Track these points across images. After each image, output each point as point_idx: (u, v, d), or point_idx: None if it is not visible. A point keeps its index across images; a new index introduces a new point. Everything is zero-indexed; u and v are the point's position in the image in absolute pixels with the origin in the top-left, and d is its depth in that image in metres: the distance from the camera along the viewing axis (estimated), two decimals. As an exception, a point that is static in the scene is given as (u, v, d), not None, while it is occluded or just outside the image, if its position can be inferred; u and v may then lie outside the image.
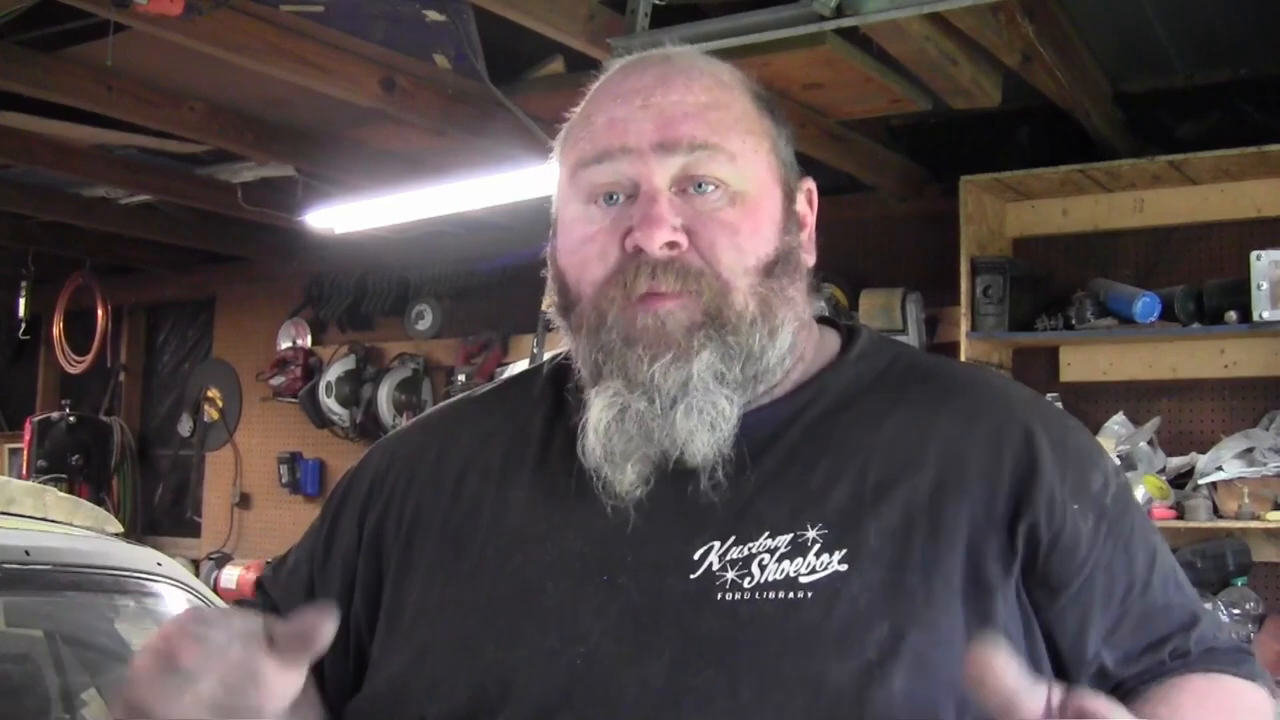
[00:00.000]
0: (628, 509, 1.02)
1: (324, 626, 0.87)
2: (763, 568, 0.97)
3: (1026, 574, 0.99)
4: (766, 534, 0.99)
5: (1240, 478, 3.69)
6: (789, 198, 1.10)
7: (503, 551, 1.06)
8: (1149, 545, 1.06)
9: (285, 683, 0.88)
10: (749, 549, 0.98)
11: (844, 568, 0.97)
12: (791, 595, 0.96)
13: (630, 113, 1.06)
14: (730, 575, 0.98)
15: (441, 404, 1.29)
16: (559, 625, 1.00)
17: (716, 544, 0.99)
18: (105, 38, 3.26)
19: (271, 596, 1.21)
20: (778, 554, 0.98)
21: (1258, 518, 3.63)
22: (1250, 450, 3.74)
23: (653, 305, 1.02)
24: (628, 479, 1.02)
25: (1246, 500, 3.65)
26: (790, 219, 1.09)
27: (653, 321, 1.02)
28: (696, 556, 0.99)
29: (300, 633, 0.88)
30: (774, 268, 1.05)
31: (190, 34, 3.08)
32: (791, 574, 0.97)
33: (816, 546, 0.98)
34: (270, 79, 3.54)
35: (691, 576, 0.98)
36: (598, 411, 1.03)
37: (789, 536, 0.98)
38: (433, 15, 3.26)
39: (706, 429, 1.01)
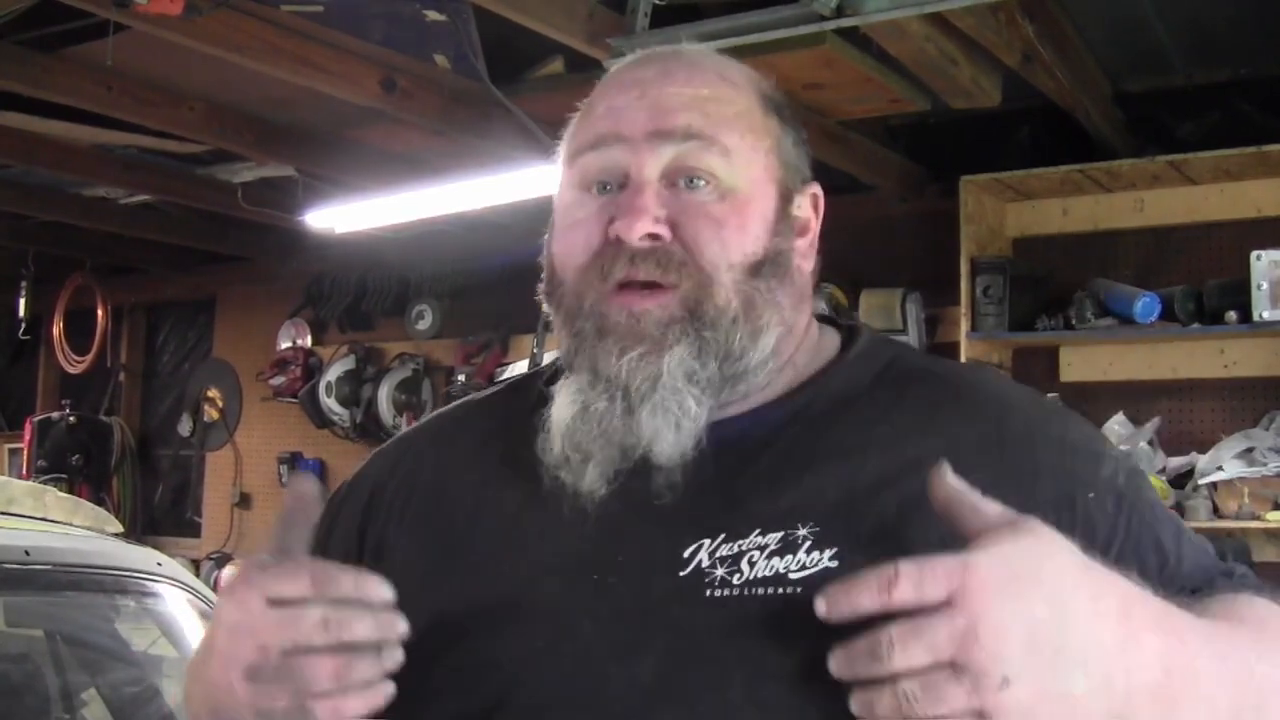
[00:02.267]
0: (610, 508, 1.02)
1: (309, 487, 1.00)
2: (752, 564, 0.96)
3: None
4: (757, 531, 0.98)
5: (1240, 478, 3.69)
6: (785, 199, 1.08)
7: (496, 554, 1.06)
8: (1171, 520, 1.06)
9: None
10: (739, 546, 0.97)
11: (834, 564, 0.95)
12: (780, 591, 0.95)
13: (628, 102, 1.06)
14: (720, 572, 0.97)
15: (446, 408, 1.28)
16: (550, 626, 0.99)
17: (707, 541, 0.98)
18: (105, 38, 3.26)
19: None
20: (768, 550, 0.97)
21: (1258, 518, 3.63)
22: (1250, 450, 3.74)
23: (630, 302, 1.02)
24: (588, 479, 1.01)
25: (1246, 500, 3.65)
26: (784, 221, 1.08)
27: (627, 319, 1.01)
28: (686, 554, 0.98)
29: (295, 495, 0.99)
30: (761, 268, 1.04)
31: (190, 34, 3.08)
32: (781, 570, 0.96)
33: (807, 544, 0.97)
34: (270, 79, 3.54)
35: (681, 574, 0.97)
36: (560, 408, 1.03)
37: (780, 534, 0.97)
38: (433, 15, 3.26)
39: (672, 428, 1.00)
